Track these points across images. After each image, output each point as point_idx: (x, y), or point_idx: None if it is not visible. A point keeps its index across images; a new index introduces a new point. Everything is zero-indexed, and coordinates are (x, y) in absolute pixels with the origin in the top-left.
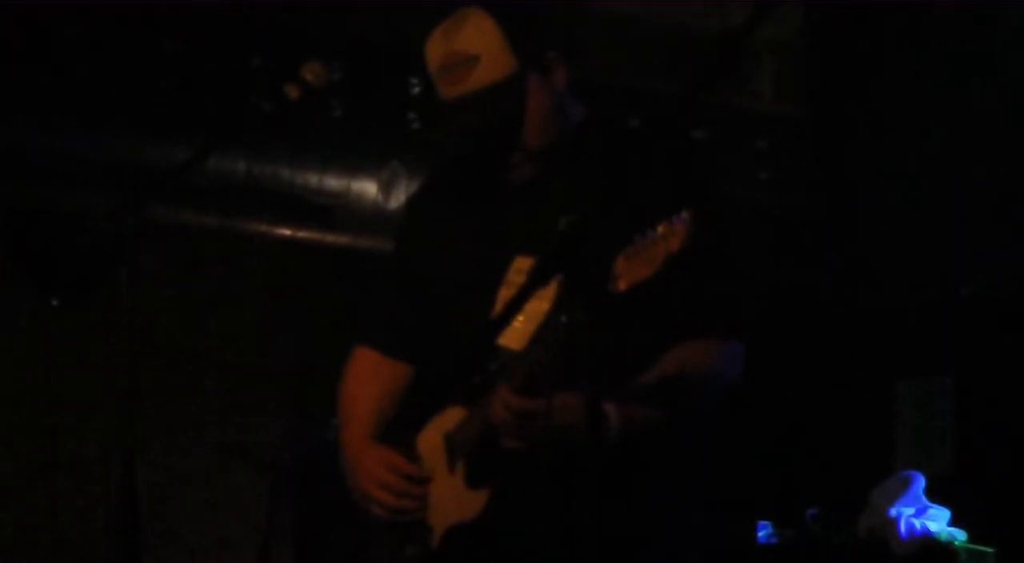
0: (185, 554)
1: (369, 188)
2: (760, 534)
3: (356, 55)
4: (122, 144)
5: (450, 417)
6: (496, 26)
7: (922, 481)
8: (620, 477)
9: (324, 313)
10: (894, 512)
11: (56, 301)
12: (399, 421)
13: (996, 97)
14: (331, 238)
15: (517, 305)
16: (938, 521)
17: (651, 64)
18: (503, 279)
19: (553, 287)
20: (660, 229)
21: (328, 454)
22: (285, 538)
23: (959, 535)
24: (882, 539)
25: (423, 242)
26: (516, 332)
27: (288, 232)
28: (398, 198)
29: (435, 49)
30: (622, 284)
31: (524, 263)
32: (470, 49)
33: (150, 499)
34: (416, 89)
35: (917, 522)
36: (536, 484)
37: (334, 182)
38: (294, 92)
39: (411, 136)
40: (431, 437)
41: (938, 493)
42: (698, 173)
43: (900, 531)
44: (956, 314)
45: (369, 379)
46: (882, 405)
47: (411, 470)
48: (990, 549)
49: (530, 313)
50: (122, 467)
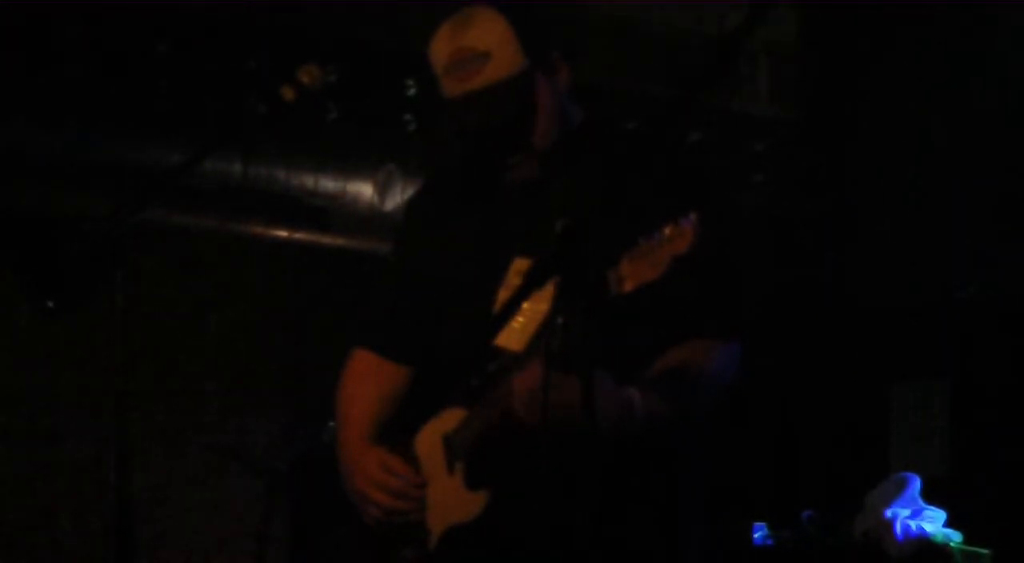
0: (181, 556)
1: (365, 190)
2: (756, 536)
3: (352, 57)
4: (119, 145)
5: (449, 418)
6: (506, 24)
7: (918, 483)
8: (619, 478)
9: (321, 315)
10: (890, 514)
11: (52, 303)
12: (396, 423)
13: (995, 97)
14: (327, 239)
15: (514, 307)
16: (934, 523)
17: (647, 67)
18: (502, 280)
19: (551, 288)
20: (667, 231)
21: (324, 456)
22: (281, 540)
23: (955, 537)
24: (878, 541)
25: (422, 243)
26: (515, 333)
27: (284, 233)
28: (394, 200)
29: (442, 46)
30: (628, 285)
31: (523, 265)
32: (480, 46)
33: (147, 501)
34: (412, 91)
35: (913, 524)
36: (536, 485)
37: (330, 184)
38: (290, 94)
39: (407, 138)
40: (429, 438)
41: (934, 495)
42: (699, 174)
43: (896, 533)
44: (953, 316)
45: (367, 381)
46: (878, 407)
47: (408, 471)
48: (986, 551)
49: (529, 314)
50: (118, 469)
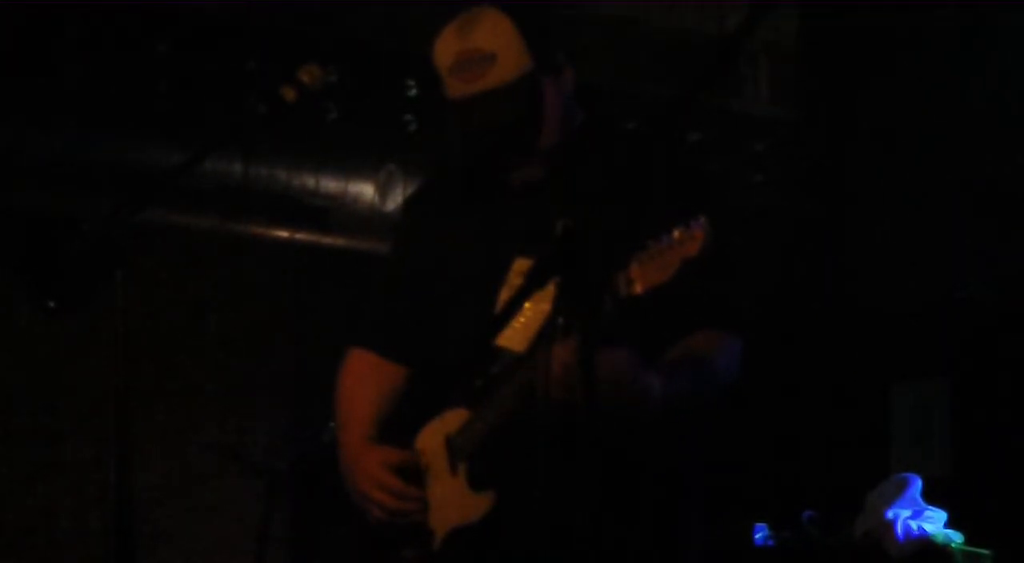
0: (181, 556)
1: (366, 190)
2: (757, 536)
3: (352, 57)
4: (119, 146)
5: (451, 419)
6: (513, 25)
7: (919, 483)
8: (620, 478)
9: (321, 315)
10: (891, 514)
11: (52, 303)
12: (396, 423)
13: (995, 97)
14: (328, 240)
15: (515, 307)
16: (935, 523)
17: (648, 67)
18: (504, 281)
19: (553, 289)
20: (676, 234)
21: (325, 456)
22: (281, 540)
23: (956, 537)
24: (879, 541)
25: (422, 243)
26: (516, 333)
27: (285, 234)
28: (395, 200)
29: (447, 46)
30: (638, 288)
31: (525, 265)
32: (486, 47)
33: (147, 501)
34: (412, 91)
35: (914, 524)
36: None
37: (331, 184)
38: (290, 94)
39: (407, 138)
40: (431, 439)
41: (935, 495)
42: (699, 175)
43: (897, 533)
44: (953, 316)
45: (367, 381)
46: (879, 407)
47: (411, 471)
48: (987, 551)
49: (531, 314)
50: (118, 469)
